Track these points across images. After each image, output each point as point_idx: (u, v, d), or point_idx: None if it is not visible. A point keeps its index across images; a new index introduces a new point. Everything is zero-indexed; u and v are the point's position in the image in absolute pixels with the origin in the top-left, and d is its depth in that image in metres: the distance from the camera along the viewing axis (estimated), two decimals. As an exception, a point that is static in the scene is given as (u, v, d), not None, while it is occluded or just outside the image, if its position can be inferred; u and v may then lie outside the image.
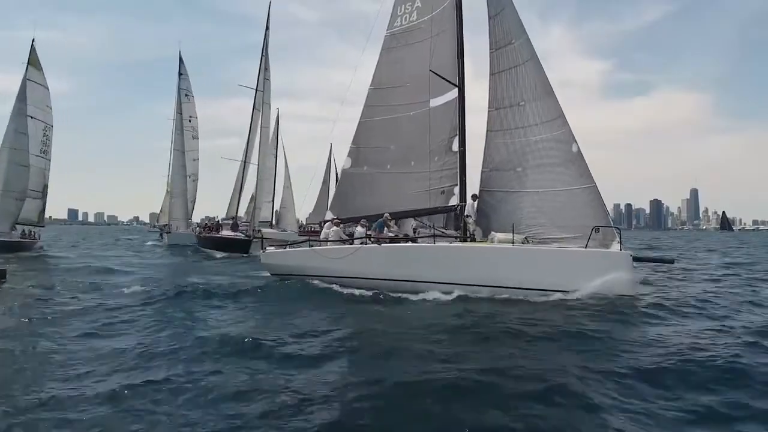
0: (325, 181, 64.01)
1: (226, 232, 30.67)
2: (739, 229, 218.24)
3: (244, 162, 32.14)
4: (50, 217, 38.98)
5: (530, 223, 12.83)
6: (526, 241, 12.32)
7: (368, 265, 12.46)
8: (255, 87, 30.05)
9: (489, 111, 14.43)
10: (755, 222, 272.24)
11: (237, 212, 32.93)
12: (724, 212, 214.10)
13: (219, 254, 27.76)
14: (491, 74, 14.47)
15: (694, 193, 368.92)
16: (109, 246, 41.54)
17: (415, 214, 14.14)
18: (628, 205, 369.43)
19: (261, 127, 29.67)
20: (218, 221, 33.79)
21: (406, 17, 16.14)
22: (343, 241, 13.92)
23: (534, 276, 10.92)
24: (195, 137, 38.02)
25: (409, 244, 12.42)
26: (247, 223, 30.69)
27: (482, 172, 14.10)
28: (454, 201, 13.37)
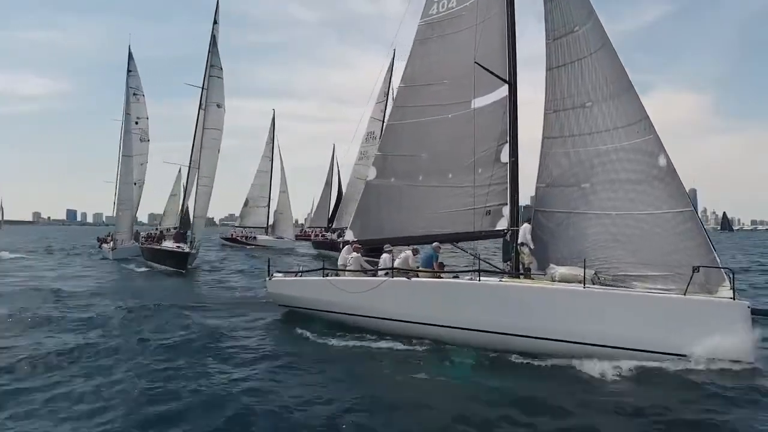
0: (328, 183, 61.67)
1: (168, 244, 26.93)
2: (738, 229, 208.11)
3: (190, 167, 28.35)
4: (49, 218, 36.72)
5: (600, 255, 10.13)
6: (596, 278, 9.64)
7: (396, 304, 9.95)
8: (201, 85, 26.77)
9: (545, 113, 11.81)
10: (753, 222, 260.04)
11: (182, 220, 29.08)
12: (724, 213, 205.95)
13: (160, 267, 24.91)
14: (548, 69, 11.86)
15: (693, 193, 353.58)
16: (64, 251, 39.89)
17: (454, 238, 11.55)
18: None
19: (203, 128, 25.66)
20: (161, 231, 30.77)
21: (444, 3, 13.68)
22: (365, 271, 11.41)
23: (622, 331, 8.22)
24: (144, 140, 34.57)
25: (448, 280, 9.80)
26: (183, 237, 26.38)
27: (537, 187, 11.47)
28: (503, 224, 10.75)
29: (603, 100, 10.91)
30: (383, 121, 34.71)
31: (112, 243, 32.97)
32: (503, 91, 11.48)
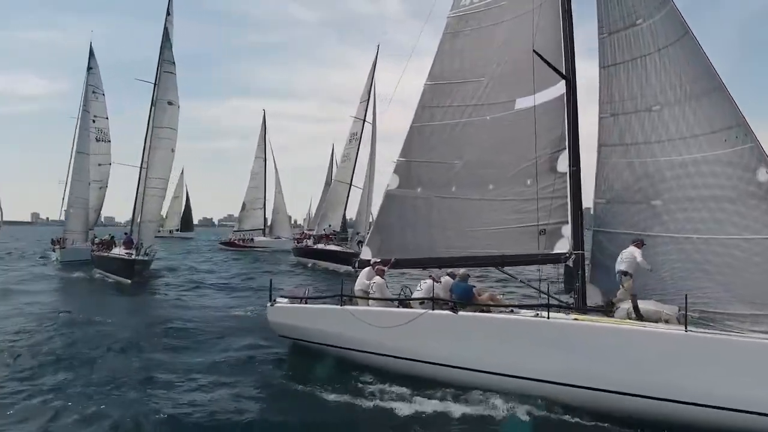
0: (327, 183, 60.55)
1: (118, 250, 24.57)
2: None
3: (141, 168, 25.55)
4: (47, 218, 34.69)
5: (682, 286, 8.35)
6: (681, 317, 7.84)
7: (437, 344, 7.99)
8: (154, 81, 24.41)
9: (600, 118, 10.15)
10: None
11: (134, 223, 26.60)
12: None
13: (111, 278, 22.85)
14: (602, 67, 10.25)
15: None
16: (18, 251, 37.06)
17: (499, 262, 9.68)
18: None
19: (153, 127, 23.68)
20: (112, 236, 28.49)
21: (478, -8, 12.01)
22: (390, 300, 9.41)
23: (740, 389, 6.39)
24: (101, 140, 32.59)
25: (507, 316, 7.87)
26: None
27: (595, 203, 9.73)
28: (563, 246, 8.91)
29: (676, 103, 9.28)
30: (364, 120, 33.20)
31: (61, 243, 30.71)
32: (558, 88, 9.78)
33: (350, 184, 33.98)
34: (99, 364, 9.46)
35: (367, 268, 9.99)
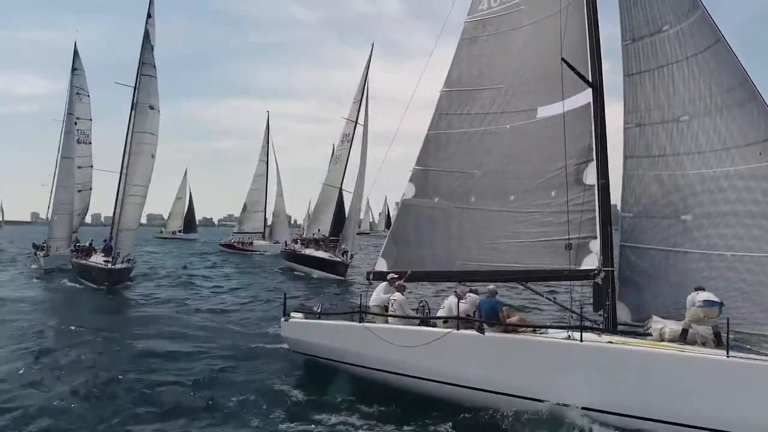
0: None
1: (96, 258, 23.61)
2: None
3: (121, 174, 24.83)
4: (47, 218, 33.90)
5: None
6: (716, 337, 7.52)
7: (462, 365, 7.63)
8: (134, 84, 23.59)
9: (625, 128, 9.86)
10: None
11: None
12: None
13: (89, 286, 22.14)
14: (626, 75, 9.94)
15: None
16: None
17: (524, 277, 9.33)
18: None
19: (133, 132, 22.91)
20: (91, 242, 27.69)
21: (496, -3, 11.68)
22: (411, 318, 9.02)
23: None
24: (84, 142, 31.82)
25: (536, 337, 7.50)
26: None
27: (623, 218, 9.40)
28: (591, 262, 8.56)
29: (706, 114, 8.97)
30: (356, 122, 32.57)
31: (45, 250, 29.93)
32: (584, 96, 9.43)
33: (340, 188, 33.17)
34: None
35: (384, 283, 9.60)
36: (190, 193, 75.60)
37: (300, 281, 27.07)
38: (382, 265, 10.82)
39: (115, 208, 24.02)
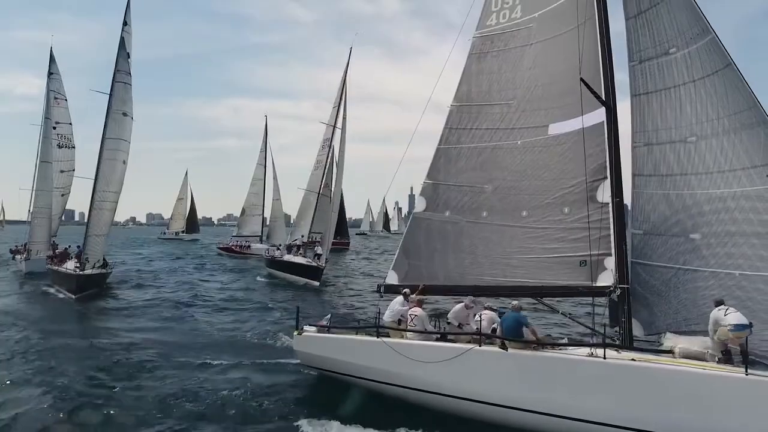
0: (327, 185, 59.83)
1: (70, 264, 23.29)
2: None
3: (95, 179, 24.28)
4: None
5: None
6: (721, 353, 7.75)
7: (484, 382, 7.70)
8: (109, 92, 23.26)
9: (633, 147, 10.08)
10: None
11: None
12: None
13: (62, 293, 21.73)
14: (633, 95, 10.19)
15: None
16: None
17: (538, 292, 9.45)
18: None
19: (105, 138, 22.64)
20: (66, 248, 27.52)
21: (505, 13, 11.88)
22: (426, 333, 9.04)
23: None
24: (63, 146, 31.74)
25: (560, 355, 7.61)
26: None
27: (633, 234, 9.62)
28: (606, 279, 8.75)
29: (713, 136, 9.26)
30: (334, 126, 32.34)
31: (25, 254, 29.77)
32: (597, 115, 9.64)
33: (319, 193, 33.12)
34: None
35: (399, 298, 9.61)
36: (192, 193, 76.61)
37: (281, 287, 26.72)
38: (393, 278, 10.86)
39: (89, 214, 23.65)
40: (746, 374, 6.69)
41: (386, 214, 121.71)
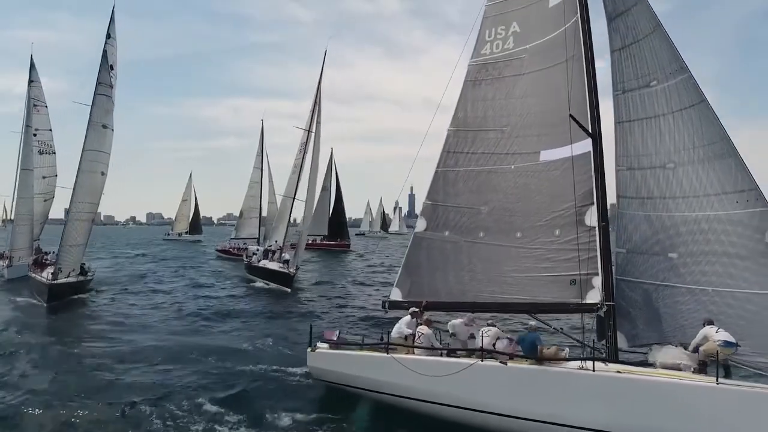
0: (325, 188, 60.88)
1: (47, 271, 23.48)
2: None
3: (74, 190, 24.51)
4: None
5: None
6: (700, 365, 8.66)
7: (486, 393, 8.52)
8: (90, 103, 23.38)
9: (617, 170, 10.97)
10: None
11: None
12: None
13: (37, 299, 21.98)
14: (617, 122, 11.10)
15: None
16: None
17: (532, 309, 10.30)
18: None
19: (85, 149, 22.78)
20: (45, 254, 27.91)
21: (498, 44, 12.71)
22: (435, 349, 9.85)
23: None
24: (45, 152, 32.11)
25: (552, 368, 8.46)
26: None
27: (617, 252, 10.52)
28: (594, 297, 9.64)
29: (689, 163, 10.17)
30: (308, 130, 32.42)
31: (8, 261, 30.33)
32: (584, 145, 10.51)
33: (294, 198, 33.64)
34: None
35: (407, 317, 10.38)
36: (196, 195, 77.61)
37: (260, 293, 27.13)
38: (396, 295, 11.64)
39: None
40: (717, 383, 7.59)
41: (384, 215, 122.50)
